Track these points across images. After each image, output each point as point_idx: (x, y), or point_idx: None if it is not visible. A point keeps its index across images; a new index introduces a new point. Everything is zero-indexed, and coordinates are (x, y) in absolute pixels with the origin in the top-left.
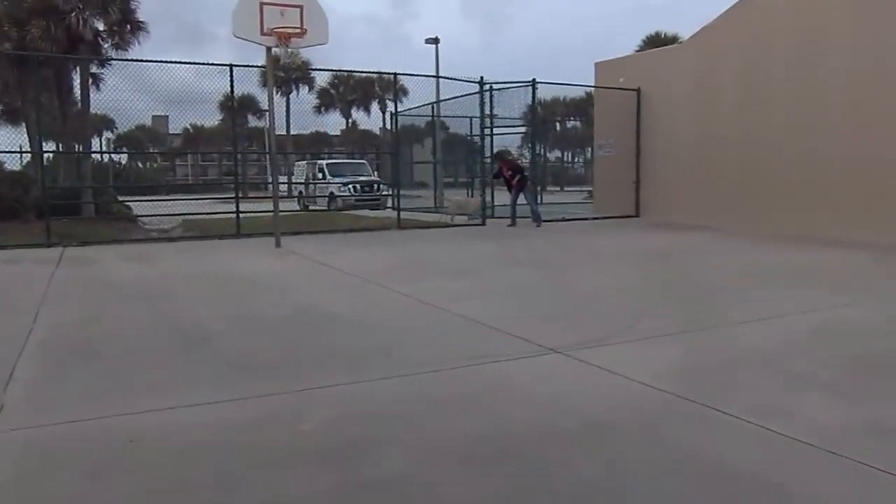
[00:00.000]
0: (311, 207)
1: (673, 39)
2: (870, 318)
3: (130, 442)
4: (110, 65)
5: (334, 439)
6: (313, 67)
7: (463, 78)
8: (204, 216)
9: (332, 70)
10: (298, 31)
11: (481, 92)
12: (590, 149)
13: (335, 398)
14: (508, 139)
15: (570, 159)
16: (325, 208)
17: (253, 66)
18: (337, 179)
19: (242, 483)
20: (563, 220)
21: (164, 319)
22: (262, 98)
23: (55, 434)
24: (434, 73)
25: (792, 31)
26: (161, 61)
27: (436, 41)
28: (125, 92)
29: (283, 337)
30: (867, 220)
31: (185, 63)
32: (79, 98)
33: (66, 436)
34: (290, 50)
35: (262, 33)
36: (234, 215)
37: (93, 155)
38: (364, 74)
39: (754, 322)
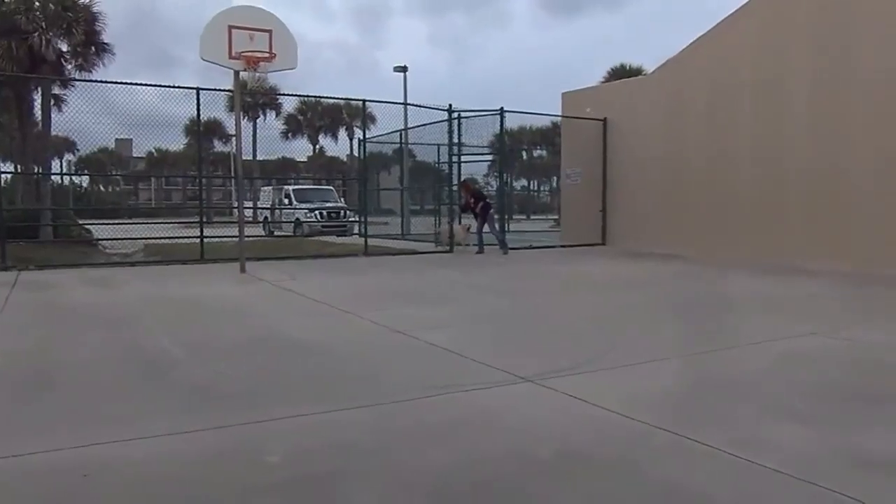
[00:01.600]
0: (276, 233)
1: (637, 71)
2: (835, 346)
3: (84, 476)
4: (73, 86)
5: (301, 473)
6: (281, 92)
7: (431, 105)
8: (167, 240)
9: (299, 95)
10: (267, 55)
11: (450, 120)
12: (556, 177)
13: (302, 429)
14: (476, 167)
15: (536, 188)
16: (291, 234)
17: (220, 90)
18: (303, 205)
19: None
20: (531, 247)
21: (125, 347)
22: (229, 123)
23: (5, 468)
24: (402, 101)
25: (755, 62)
26: (126, 83)
27: (404, 69)
28: (88, 114)
29: (249, 365)
30: (831, 248)
31: (150, 85)
32: (39, 119)
33: (17, 469)
34: (258, 74)
35: (231, 57)
36: (198, 240)
37: (53, 177)
38: (332, 101)
39: (724, 350)
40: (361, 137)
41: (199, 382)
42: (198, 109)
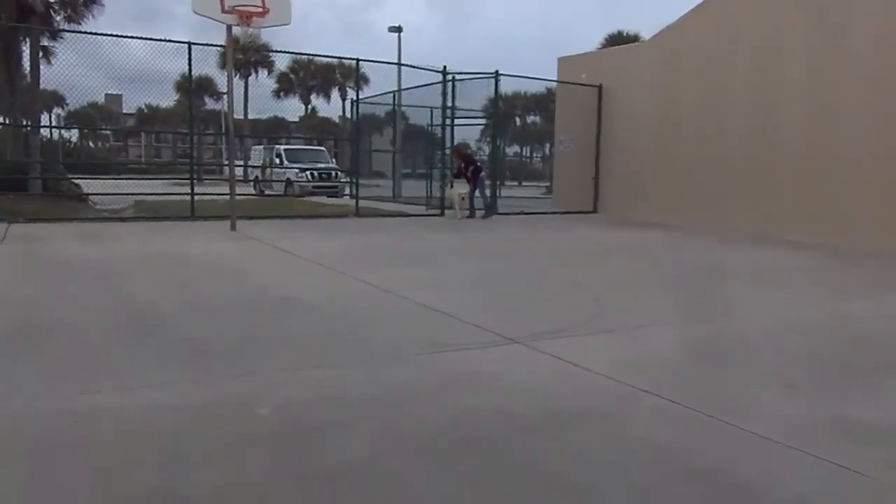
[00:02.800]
0: (267, 193)
1: (635, 38)
2: (823, 317)
3: (75, 423)
4: (62, 38)
5: (292, 424)
6: (273, 49)
7: (426, 66)
8: (157, 197)
9: (292, 52)
10: (260, 10)
11: (444, 82)
12: (549, 144)
13: (293, 383)
14: (468, 132)
15: (528, 155)
16: (282, 194)
17: (212, 45)
18: (294, 165)
19: (195, 466)
20: (522, 213)
21: (115, 301)
22: (221, 80)
23: None
24: (396, 61)
25: (753, 32)
26: (116, 35)
27: (399, 29)
28: (78, 67)
29: (239, 321)
30: (822, 222)
31: (141, 38)
32: (28, 72)
33: (6, 415)
34: (251, 29)
35: (223, 11)
36: (188, 197)
37: (42, 131)
38: (325, 60)
39: (713, 318)
40: (354, 98)
41: (189, 337)
42: (189, 64)
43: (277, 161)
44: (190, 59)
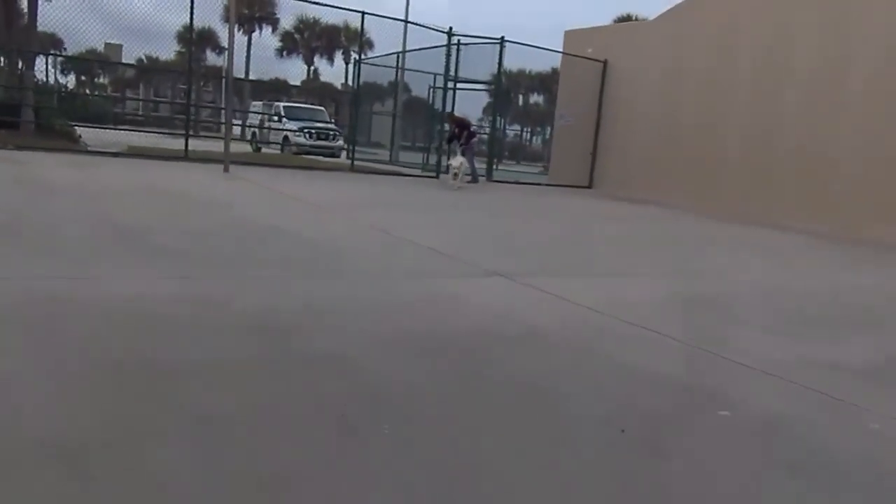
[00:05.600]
0: (263, 150)
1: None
2: (805, 283)
3: (56, 303)
4: None
5: (270, 322)
6: None
7: (431, 26)
8: (153, 139)
9: None
10: None
11: (448, 45)
12: (549, 127)
13: (275, 290)
14: (470, 108)
15: (529, 135)
16: (279, 151)
17: None
18: (293, 122)
19: (172, 345)
20: (517, 182)
21: (99, 216)
22: (223, 34)
23: None
24: (402, 18)
25: (759, 20)
26: None
27: None
28: (77, 11)
29: (225, 241)
30: (812, 210)
31: None
32: (25, 9)
33: None
34: None
35: None
36: (182, 141)
37: (37, 74)
38: (330, 22)
39: (700, 276)
40: (357, 58)
41: (172, 248)
42: (191, 10)
43: (276, 118)
44: (192, 6)
